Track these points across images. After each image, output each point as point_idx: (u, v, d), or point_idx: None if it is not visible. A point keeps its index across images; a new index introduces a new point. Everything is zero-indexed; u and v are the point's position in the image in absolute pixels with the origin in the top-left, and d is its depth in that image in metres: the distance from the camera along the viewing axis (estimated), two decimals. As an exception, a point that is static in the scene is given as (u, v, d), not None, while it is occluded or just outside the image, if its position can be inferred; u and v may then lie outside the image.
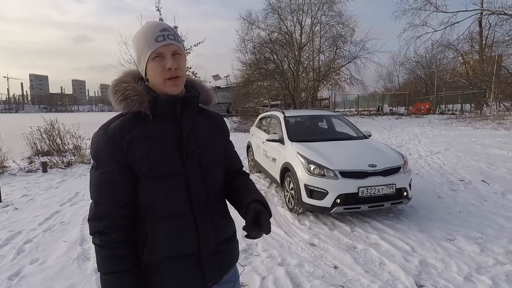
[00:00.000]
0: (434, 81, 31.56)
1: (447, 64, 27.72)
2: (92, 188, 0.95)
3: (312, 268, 2.62)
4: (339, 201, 3.43)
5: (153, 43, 0.91)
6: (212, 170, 1.03)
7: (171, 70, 0.92)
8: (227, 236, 1.08)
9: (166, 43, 0.92)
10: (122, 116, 0.96)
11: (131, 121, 0.94)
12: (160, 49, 0.91)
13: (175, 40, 0.94)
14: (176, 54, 0.94)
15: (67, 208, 4.24)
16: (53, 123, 8.12)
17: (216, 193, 1.04)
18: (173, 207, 0.95)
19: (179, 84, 0.95)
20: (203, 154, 1.00)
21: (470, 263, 2.64)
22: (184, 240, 0.96)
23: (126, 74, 1.01)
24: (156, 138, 0.94)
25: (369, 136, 4.88)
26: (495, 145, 8.18)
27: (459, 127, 13.56)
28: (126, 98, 0.92)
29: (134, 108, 0.92)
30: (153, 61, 0.92)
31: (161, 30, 0.93)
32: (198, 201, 0.97)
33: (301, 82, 22.30)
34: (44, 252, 2.97)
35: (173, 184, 0.95)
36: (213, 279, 1.02)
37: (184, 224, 0.96)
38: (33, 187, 5.32)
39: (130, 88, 0.94)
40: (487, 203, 4.16)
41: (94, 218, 0.93)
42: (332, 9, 21.77)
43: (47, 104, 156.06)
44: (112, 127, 0.93)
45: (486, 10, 19.66)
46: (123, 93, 0.93)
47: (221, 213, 1.07)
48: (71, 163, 7.30)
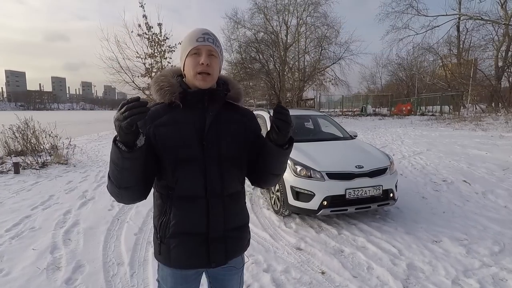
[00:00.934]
0: (415, 83, 32.46)
1: (427, 66, 28.55)
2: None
3: (299, 274, 2.52)
4: (326, 203, 3.35)
5: (194, 42, 1.05)
6: (229, 161, 1.10)
7: (203, 65, 1.03)
8: (237, 224, 1.16)
9: (205, 43, 1.05)
10: (157, 104, 1.10)
11: (164, 109, 1.08)
12: (198, 46, 1.04)
13: (213, 43, 1.07)
14: (211, 54, 1.06)
15: (39, 213, 3.96)
16: (27, 121, 7.68)
17: (231, 182, 1.12)
18: (190, 190, 1.05)
19: (208, 80, 1.06)
20: (222, 144, 1.08)
21: (457, 266, 2.62)
22: (196, 220, 1.07)
23: (168, 70, 1.15)
24: (181, 125, 1.05)
25: (355, 136, 4.86)
26: (474, 146, 8.41)
27: (439, 128, 13.93)
28: (161, 89, 1.06)
29: (166, 97, 1.05)
30: (190, 56, 1.06)
31: (203, 34, 1.06)
32: (213, 187, 1.06)
33: (287, 82, 22.39)
34: (10, 262, 2.72)
35: (192, 169, 1.04)
36: (218, 261, 1.11)
37: (197, 206, 1.06)
38: (2, 190, 4.97)
39: (165, 80, 1.08)
40: (469, 203, 4.21)
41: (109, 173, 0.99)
42: (317, 10, 22.01)
43: (25, 102, 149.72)
44: (150, 110, 1.02)
45: (464, 15, 20.36)
46: (159, 84, 1.08)
47: (235, 202, 1.14)
48: (46, 164, 6.91)
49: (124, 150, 0.86)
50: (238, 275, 1.24)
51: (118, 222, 3.65)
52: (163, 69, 1.23)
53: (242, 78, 20.71)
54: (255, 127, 1.22)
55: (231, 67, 21.65)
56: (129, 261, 2.73)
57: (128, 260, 2.74)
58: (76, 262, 2.72)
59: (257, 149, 1.14)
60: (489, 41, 20.25)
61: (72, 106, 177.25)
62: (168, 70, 1.15)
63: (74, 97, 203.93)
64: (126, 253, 2.87)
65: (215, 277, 1.23)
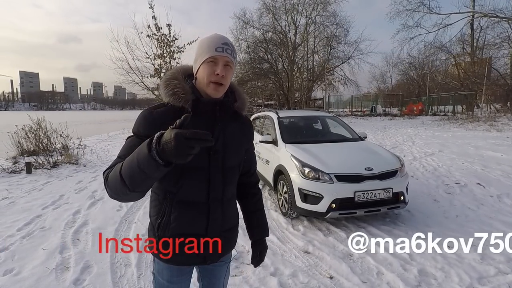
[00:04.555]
0: (426, 83, 31.80)
1: (439, 65, 27.85)
2: (121, 148, 1.06)
3: (306, 279, 2.48)
4: (334, 206, 3.30)
5: (213, 51, 1.05)
6: (231, 169, 1.17)
7: (218, 76, 1.04)
8: (231, 225, 1.24)
9: (223, 54, 1.05)
10: (168, 106, 1.08)
11: (174, 113, 1.03)
12: (217, 56, 1.05)
13: (231, 55, 1.08)
14: (227, 65, 1.07)
15: (50, 212, 4.02)
16: (39, 121, 7.83)
17: (230, 189, 1.19)
18: (193, 196, 1.10)
19: (220, 90, 1.08)
20: (227, 154, 1.13)
21: (471, 273, 2.53)
22: (196, 224, 1.12)
23: (177, 70, 1.15)
24: None
25: (364, 138, 4.77)
26: (489, 147, 8.17)
27: (452, 129, 13.61)
28: (175, 94, 1.07)
29: (179, 103, 1.05)
30: (207, 63, 1.06)
31: (222, 44, 1.06)
32: (215, 194, 1.12)
33: (295, 82, 22.24)
34: (20, 261, 2.76)
35: (197, 176, 1.08)
36: (212, 259, 1.20)
37: (198, 210, 1.11)
38: (15, 189, 5.07)
39: (179, 86, 1.08)
40: (484, 207, 4.08)
41: (110, 166, 1.01)
42: (326, 9, 21.74)
43: (38, 102, 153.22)
44: (159, 111, 1.07)
45: (478, 12, 19.83)
46: (172, 89, 1.07)
47: (231, 206, 1.23)
48: (57, 164, 7.03)
49: (162, 164, 0.81)
50: (225, 266, 1.34)
51: (126, 223, 3.67)
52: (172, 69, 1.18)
53: (251, 78, 20.66)
54: (250, 135, 1.30)
55: (239, 67, 21.62)
56: (136, 263, 2.73)
57: (135, 262, 2.75)
58: (84, 262, 2.74)
59: (245, 161, 1.26)
60: (505, 39, 19.59)
61: (83, 106, 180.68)
62: (177, 70, 1.14)
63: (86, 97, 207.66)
64: (133, 254, 2.88)
65: (205, 268, 1.31)
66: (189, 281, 1.29)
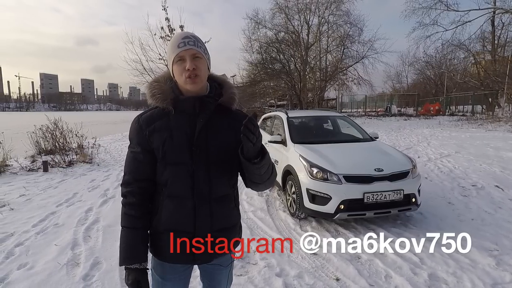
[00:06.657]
0: (444, 82, 30.90)
1: (458, 64, 26.97)
2: (125, 161, 1.18)
3: (312, 280, 2.44)
4: (343, 207, 3.24)
5: (176, 49, 1.08)
6: (218, 165, 1.13)
7: (189, 70, 1.06)
8: (224, 226, 1.19)
9: (186, 48, 1.07)
10: (153, 109, 1.15)
11: (157, 114, 1.13)
12: (181, 53, 1.07)
13: (195, 45, 1.08)
14: (196, 57, 1.08)
15: (63, 210, 4.14)
16: (56, 122, 8.09)
17: (220, 186, 1.16)
18: (178, 190, 1.11)
19: (198, 82, 1.09)
20: (210, 150, 1.12)
21: (484, 278, 2.43)
22: (183, 220, 1.12)
23: (163, 73, 1.20)
24: (173, 131, 1.10)
25: (375, 138, 4.67)
26: (509, 148, 7.85)
27: (470, 129, 13.16)
28: (153, 95, 1.12)
29: (161, 104, 1.10)
30: (176, 64, 1.09)
31: (183, 38, 1.08)
32: (200, 190, 1.11)
33: (308, 82, 22.05)
34: (34, 256, 2.85)
35: (180, 172, 1.10)
36: (202, 259, 1.18)
37: (184, 206, 1.11)
38: (32, 187, 5.25)
39: (158, 87, 1.13)
40: (502, 210, 3.91)
41: (122, 184, 1.17)
42: (340, 8, 21.44)
43: (57, 103, 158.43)
44: (143, 117, 1.14)
45: (500, 8, 19.10)
46: (151, 90, 1.13)
47: (223, 205, 1.18)
48: (72, 162, 7.25)
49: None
50: (226, 271, 1.30)
51: (136, 221, 3.72)
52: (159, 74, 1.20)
53: (263, 78, 20.63)
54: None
55: (251, 67, 21.65)
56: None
57: (143, 259, 2.78)
58: (94, 259, 2.80)
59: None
60: (528, 36, 18.85)
61: (99, 106, 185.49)
62: (162, 75, 1.20)
63: (102, 98, 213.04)
64: (141, 252, 2.92)
65: (204, 269, 1.30)
66: (185, 280, 1.28)
